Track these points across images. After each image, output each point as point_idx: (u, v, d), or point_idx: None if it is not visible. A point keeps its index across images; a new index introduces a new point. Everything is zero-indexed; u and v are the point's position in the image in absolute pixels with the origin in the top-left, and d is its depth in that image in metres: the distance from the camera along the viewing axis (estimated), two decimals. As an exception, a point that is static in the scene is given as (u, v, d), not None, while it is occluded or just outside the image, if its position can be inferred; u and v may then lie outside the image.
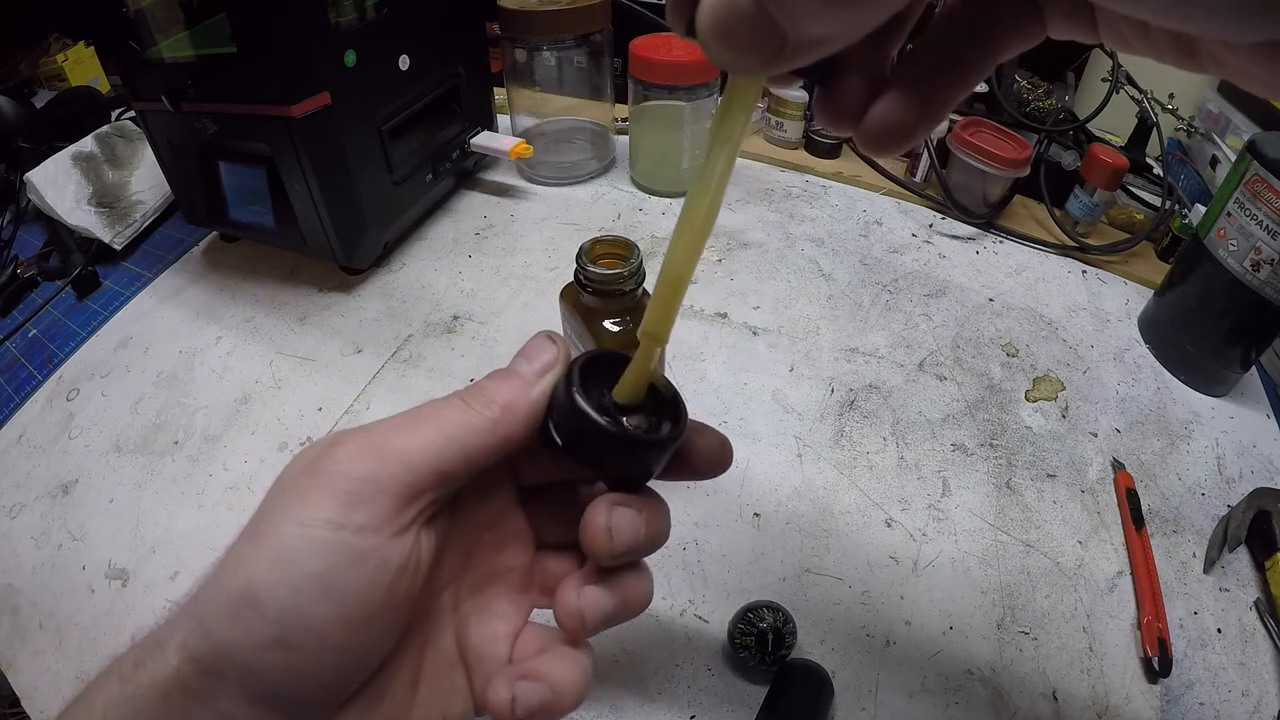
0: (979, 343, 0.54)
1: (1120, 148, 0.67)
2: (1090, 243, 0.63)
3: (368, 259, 0.58)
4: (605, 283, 0.35)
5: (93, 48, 0.96)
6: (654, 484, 0.23)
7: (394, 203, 0.58)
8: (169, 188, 0.59)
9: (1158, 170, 0.69)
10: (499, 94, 0.70)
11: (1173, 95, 0.67)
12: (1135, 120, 0.68)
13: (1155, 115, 0.66)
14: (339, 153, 0.50)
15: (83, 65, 0.96)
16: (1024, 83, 0.73)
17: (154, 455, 0.47)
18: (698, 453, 0.23)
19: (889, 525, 0.42)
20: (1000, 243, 0.65)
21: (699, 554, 0.40)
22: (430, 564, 0.20)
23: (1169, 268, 0.55)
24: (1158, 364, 0.54)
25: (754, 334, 0.54)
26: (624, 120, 0.70)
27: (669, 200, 0.68)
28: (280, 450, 0.46)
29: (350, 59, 0.48)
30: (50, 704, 0.37)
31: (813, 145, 0.75)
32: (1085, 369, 0.53)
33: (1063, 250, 0.64)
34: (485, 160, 0.70)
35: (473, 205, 0.68)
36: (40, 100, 0.86)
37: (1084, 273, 0.62)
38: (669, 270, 0.20)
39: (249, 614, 0.17)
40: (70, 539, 0.43)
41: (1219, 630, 0.38)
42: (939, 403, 0.49)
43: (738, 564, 0.40)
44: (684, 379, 0.50)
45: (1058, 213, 0.66)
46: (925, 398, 0.50)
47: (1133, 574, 0.40)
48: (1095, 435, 0.48)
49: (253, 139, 0.50)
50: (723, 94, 0.18)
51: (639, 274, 0.36)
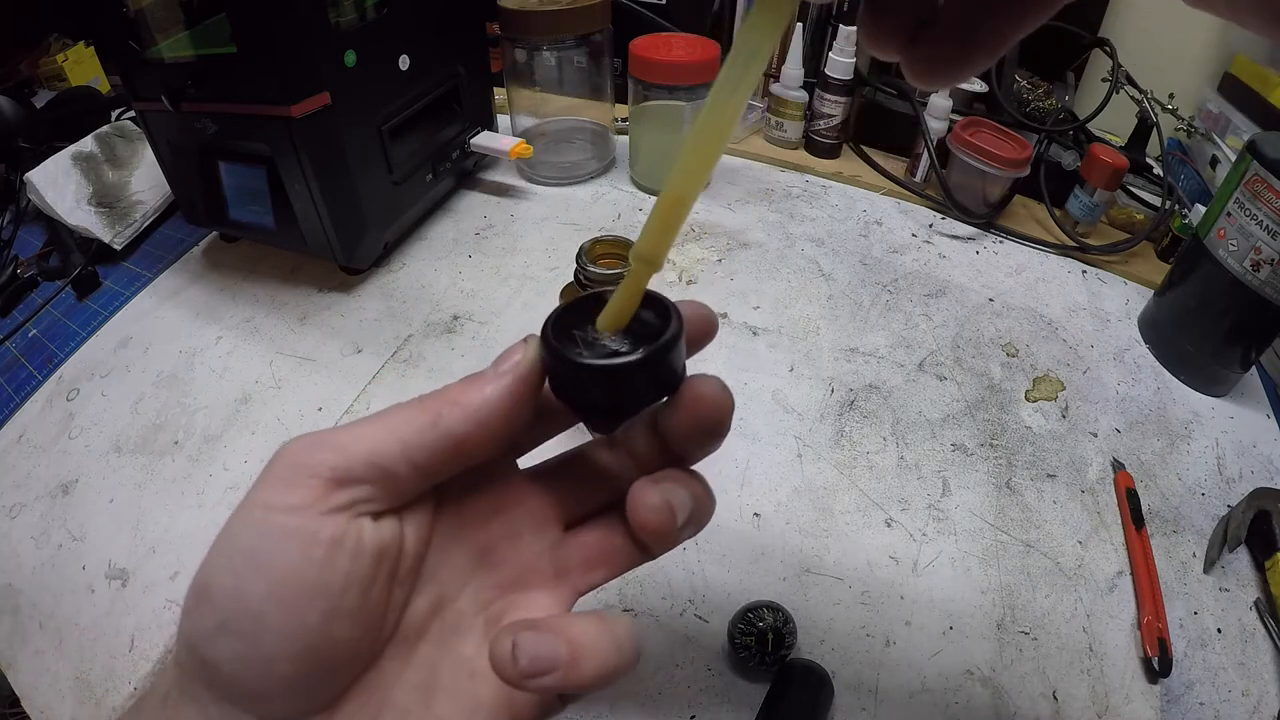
0: (979, 343, 0.54)
1: (1120, 148, 0.67)
2: (1090, 243, 0.63)
3: (368, 259, 0.58)
4: (605, 283, 0.35)
5: (93, 48, 0.96)
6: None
7: (394, 203, 0.58)
8: (169, 188, 0.59)
9: (1158, 170, 0.69)
10: (499, 94, 0.70)
11: (1173, 95, 0.67)
12: (1135, 120, 0.68)
13: (1155, 115, 0.66)
14: (339, 153, 0.50)
15: (83, 65, 0.96)
16: (1024, 83, 0.73)
17: (154, 455, 0.47)
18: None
19: (889, 525, 0.42)
20: (1000, 243, 0.65)
21: (699, 554, 0.40)
22: (413, 559, 0.20)
23: (1169, 268, 0.55)
24: (1158, 364, 0.54)
25: (754, 334, 0.54)
26: (624, 120, 0.70)
27: (669, 200, 0.68)
28: (280, 450, 0.46)
29: (350, 59, 0.48)
30: (50, 704, 0.37)
31: (813, 145, 0.75)
32: (1085, 369, 0.53)
33: (1063, 250, 0.64)
34: (485, 160, 0.70)
35: (473, 205, 0.68)
36: (40, 100, 0.86)
37: (1084, 273, 0.62)
38: (673, 187, 0.18)
39: (202, 603, 0.17)
40: (70, 539, 0.43)
41: (1219, 630, 0.38)
42: (939, 403, 0.49)
43: (738, 564, 0.40)
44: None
45: (1058, 213, 0.66)
46: (925, 398, 0.50)
47: (1133, 574, 0.40)
48: (1095, 435, 0.48)
49: (253, 139, 0.50)
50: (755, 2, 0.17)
51: (639, 274, 0.36)
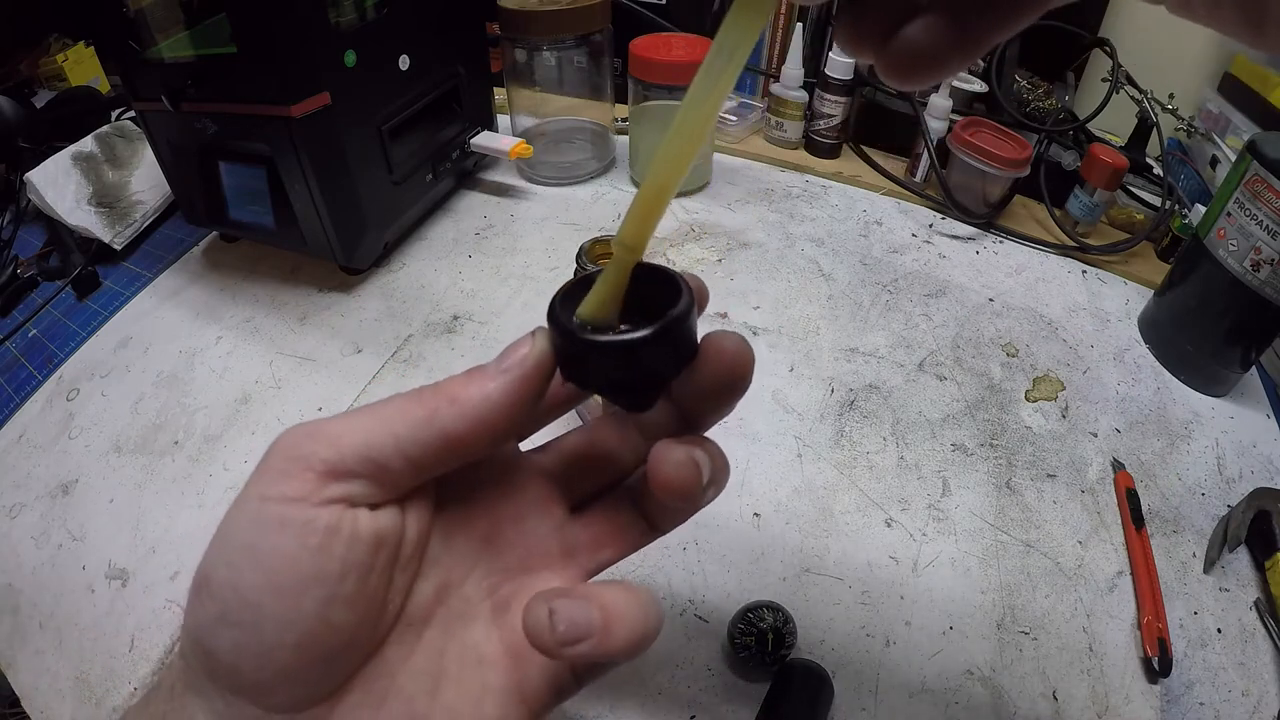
0: (979, 343, 0.54)
1: (1120, 148, 0.67)
2: (1090, 243, 0.63)
3: (368, 259, 0.58)
4: (605, 283, 0.35)
5: (93, 48, 0.96)
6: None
7: (394, 203, 0.58)
8: (169, 188, 0.59)
9: (1158, 170, 0.69)
10: (499, 94, 0.70)
11: (1173, 95, 0.67)
12: (1135, 120, 0.68)
13: (1155, 115, 0.66)
14: (339, 153, 0.50)
15: (83, 65, 0.96)
16: (1024, 83, 0.73)
17: (154, 455, 0.47)
18: (712, 353, 0.22)
19: (889, 525, 0.42)
20: (1000, 243, 0.65)
21: (699, 554, 0.40)
22: (414, 546, 0.20)
23: (1169, 268, 0.55)
24: (1158, 364, 0.54)
25: (754, 334, 0.54)
26: (624, 120, 0.70)
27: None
28: (280, 450, 0.46)
29: (350, 59, 0.48)
30: (50, 704, 0.37)
31: (813, 145, 0.75)
32: (1085, 369, 0.53)
33: (1063, 250, 0.64)
34: (485, 160, 0.70)
35: (473, 205, 0.68)
36: (40, 100, 0.86)
37: (1084, 273, 0.62)
38: (654, 176, 0.19)
39: (202, 595, 0.18)
40: (70, 539, 0.43)
41: (1219, 630, 0.38)
42: (939, 403, 0.49)
43: (738, 564, 0.40)
44: (684, 379, 0.50)
45: (1058, 213, 0.66)
46: (925, 398, 0.50)
47: (1133, 574, 0.40)
48: (1095, 435, 0.48)
49: (253, 139, 0.50)
50: None
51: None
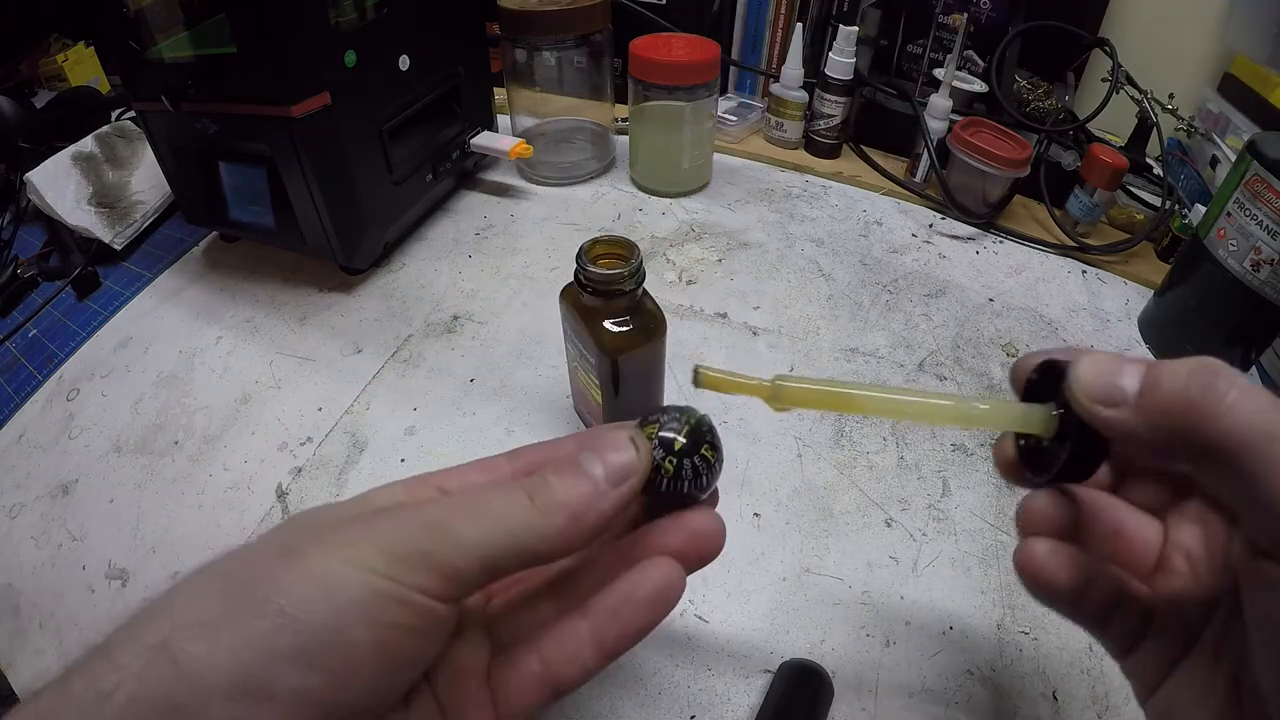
0: (979, 343, 0.54)
1: (1120, 148, 0.67)
2: (1090, 243, 0.63)
3: (368, 259, 0.58)
4: (605, 283, 0.35)
5: (93, 48, 0.96)
6: None
7: (394, 203, 0.58)
8: (169, 188, 0.59)
9: (1158, 170, 0.69)
10: (499, 94, 0.70)
11: (1173, 95, 0.67)
12: (1135, 120, 0.68)
13: (1155, 115, 0.66)
14: (339, 153, 0.50)
15: (83, 65, 0.96)
16: (1024, 83, 0.73)
17: (154, 455, 0.47)
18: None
19: (889, 525, 0.42)
20: (1000, 243, 0.65)
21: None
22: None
23: (1169, 268, 0.55)
24: (1158, 364, 0.54)
25: (754, 334, 0.54)
26: (624, 120, 0.70)
27: (669, 200, 0.68)
28: (280, 450, 0.46)
29: (350, 59, 0.49)
30: (50, 704, 0.37)
31: (813, 145, 0.75)
32: (1085, 369, 0.53)
33: (1063, 250, 0.64)
34: (485, 160, 0.70)
35: (473, 205, 0.68)
36: (40, 100, 0.86)
37: (1084, 273, 0.62)
38: (857, 401, 0.22)
39: (280, 623, 0.17)
40: (70, 539, 0.43)
41: (1219, 630, 0.38)
42: (939, 403, 0.49)
43: (738, 564, 0.40)
44: (684, 379, 0.50)
45: (1058, 213, 0.66)
46: (925, 398, 0.49)
47: (1133, 574, 0.40)
48: (1095, 435, 0.48)
49: (253, 139, 0.50)
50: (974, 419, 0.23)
51: (639, 274, 0.36)
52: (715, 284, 0.58)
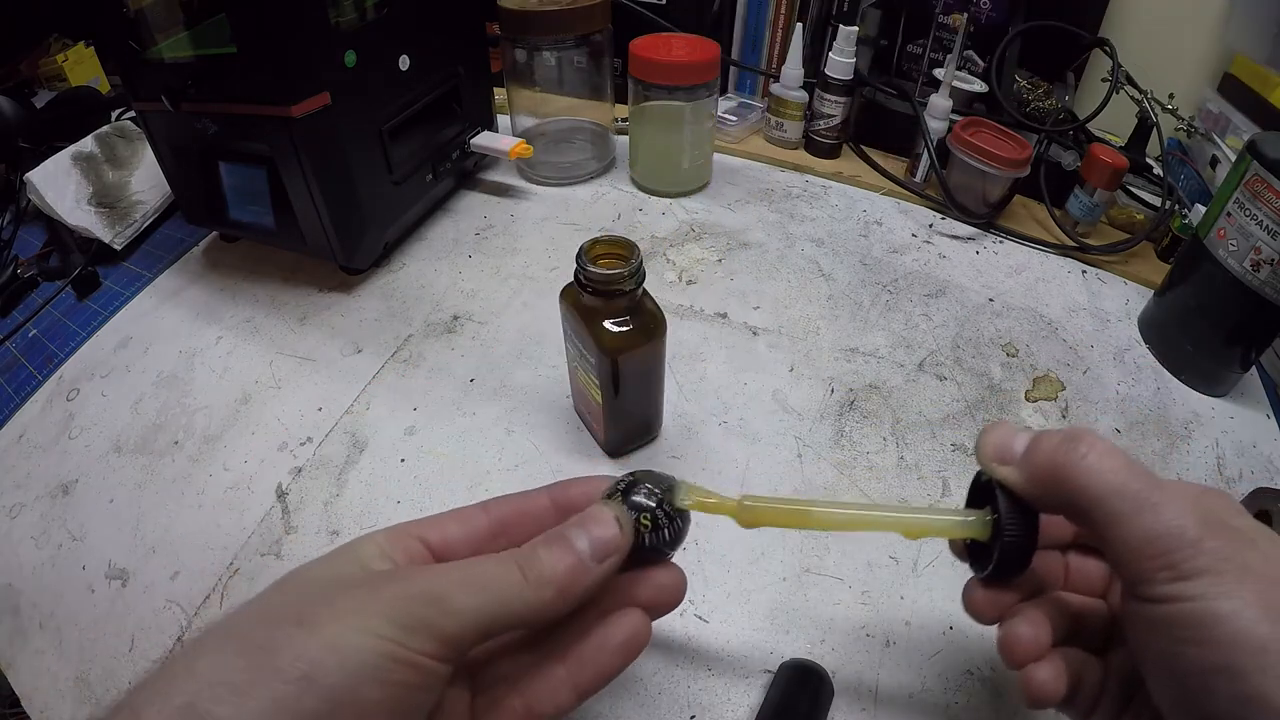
0: (979, 343, 0.54)
1: (1120, 148, 0.67)
2: (1090, 243, 0.63)
3: (368, 259, 0.58)
4: (605, 283, 0.35)
5: (93, 48, 0.96)
6: None
7: (394, 203, 0.58)
8: (169, 188, 0.59)
9: (1158, 170, 0.69)
10: (499, 94, 0.70)
11: (1173, 95, 0.67)
12: (1135, 120, 0.68)
13: (1155, 115, 0.66)
14: (339, 153, 0.50)
15: (83, 65, 0.96)
16: (1024, 83, 0.73)
17: (154, 455, 0.47)
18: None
19: (889, 525, 0.42)
20: (1000, 243, 0.65)
21: (699, 554, 0.40)
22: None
23: (1169, 268, 0.55)
24: (1158, 364, 0.54)
25: (754, 334, 0.54)
26: (624, 120, 0.70)
27: (669, 200, 0.68)
28: (280, 450, 0.46)
29: (350, 59, 0.49)
30: (50, 704, 0.37)
31: (813, 145, 0.75)
32: (1085, 369, 0.53)
33: (1063, 250, 0.64)
34: (485, 160, 0.70)
35: (473, 205, 0.68)
36: (40, 100, 0.86)
37: (1084, 273, 0.62)
38: (817, 518, 0.26)
39: (303, 686, 0.18)
40: (70, 539, 0.43)
41: (1219, 630, 0.38)
42: (939, 403, 0.49)
43: (738, 564, 0.40)
44: (684, 379, 0.50)
45: (1058, 213, 0.66)
46: (925, 398, 0.50)
47: (1133, 574, 0.40)
48: (1095, 435, 0.48)
49: (253, 139, 0.50)
50: (932, 529, 0.27)
51: (639, 274, 0.36)
52: (715, 284, 0.58)
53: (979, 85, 0.73)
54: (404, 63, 0.54)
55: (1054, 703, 0.25)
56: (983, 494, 0.27)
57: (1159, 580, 0.20)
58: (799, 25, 0.70)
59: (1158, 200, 0.66)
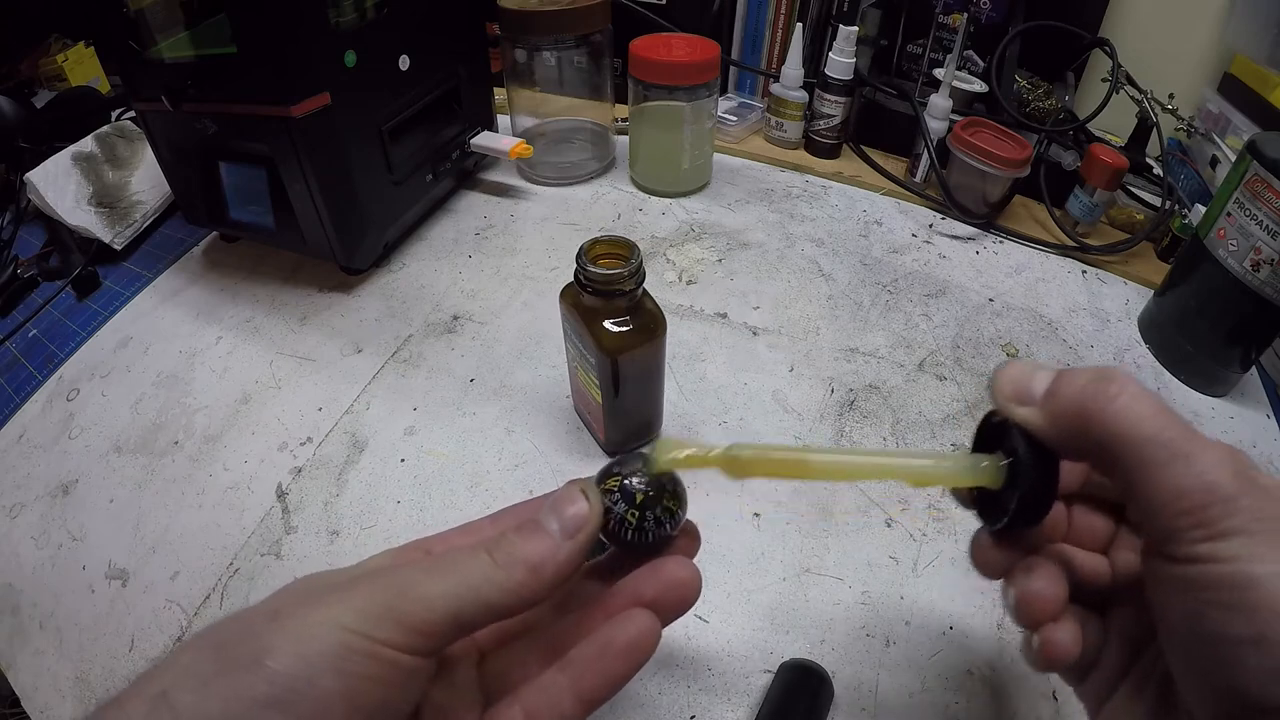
0: (979, 343, 0.54)
1: (1120, 148, 0.67)
2: (1090, 243, 0.63)
3: (368, 259, 0.58)
4: (605, 283, 0.35)
5: (93, 48, 0.96)
6: None
7: (394, 203, 0.58)
8: (169, 188, 0.59)
9: (1158, 170, 0.69)
10: (499, 94, 0.70)
11: (1173, 95, 0.67)
12: (1135, 120, 0.68)
13: (1155, 115, 0.66)
14: (339, 153, 0.50)
15: (83, 65, 0.96)
16: (1024, 83, 0.73)
17: (154, 455, 0.47)
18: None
19: (889, 525, 0.42)
20: (1000, 243, 0.65)
21: (699, 554, 0.40)
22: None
23: (1169, 268, 0.55)
24: (1158, 364, 0.54)
25: (754, 334, 0.54)
26: (624, 120, 0.70)
27: (669, 200, 0.68)
28: (280, 450, 0.46)
29: (350, 59, 0.49)
30: (50, 704, 0.37)
31: (813, 145, 0.75)
32: (1085, 369, 0.53)
33: (1063, 250, 0.64)
34: (485, 160, 0.70)
35: (473, 205, 0.68)
36: (40, 100, 0.85)
37: (1084, 273, 0.62)
38: (811, 466, 0.23)
39: (255, 675, 0.18)
40: (70, 539, 0.43)
41: (1219, 630, 0.38)
42: (939, 403, 0.49)
43: (738, 564, 0.40)
44: (684, 379, 0.50)
45: (1058, 213, 0.66)
46: (925, 398, 0.50)
47: (1133, 574, 0.40)
48: (1095, 435, 0.48)
49: (253, 139, 0.50)
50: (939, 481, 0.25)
51: (639, 274, 0.36)
52: (715, 284, 0.58)
53: (979, 85, 0.73)
54: (404, 63, 0.54)
55: (1068, 665, 0.24)
56: (994, 437, 0.25)
57: (1190, 538, 0.18)
58: (799, 25, 0.70)
59: (1158, 200, 0.66)
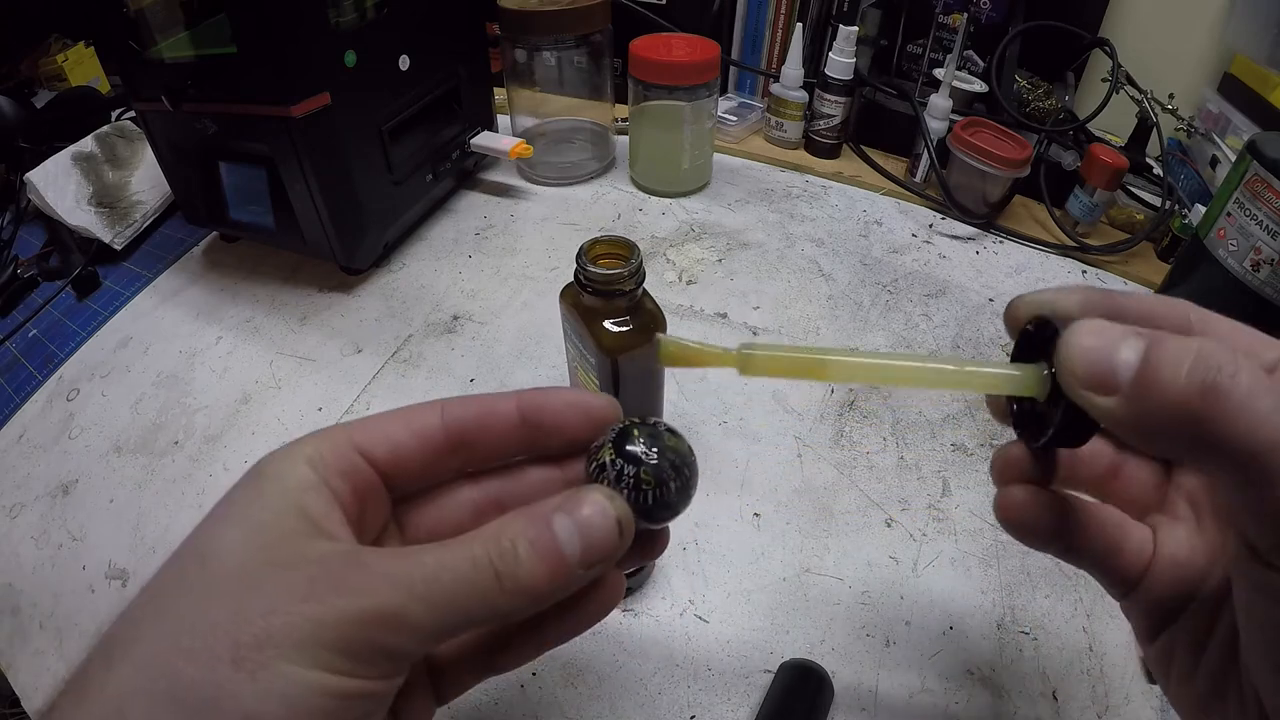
0: (979, 343, 0.54)
1: (1120, 148, 0.67)
2: (1090, 243, 0.63)
3: (368, 259, 0.58)
4: (605, 283, 0.35)
5: (93, 48, 0.96)
6: None
7: (394, 203, 0.58)
8: (169, 188, 0.59)
9: (1158, 170, 0.69)
10: (499, 94, 0.70)
11: (1173, 95, 0.67)
12: (1135, 120, 0.68)
13: (1155, 115, 0.66)
14: (339, 153, 0.50)
15: (83, 65, 0.96)
16: (1024, 83, 0.73)
17: (154, 455, 0.47)
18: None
19: (889, 525, 0.42)
20: (1000, 243, 0.65)
21: (699, 554, 0.40)
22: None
23: (1169, 268, 0.55)
24: (1158, 364, 0.54)
25: (754, 334, 0.54)
26: (624, 120, 0.70)
27: (669, 200, 0.68)
28: (280, 450, 0.46)
29: (350, 59, 0.49)
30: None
31: (813, 145, 0.75)
32: (1085, 369, 0.53)
33: (1063, 250, 0.64)
34: (485, 160, 0.70)
35: (473, 205, 0.68)
36: (40, 100, 0.85)
37: (1084, 273, 0.62)
38: (833, 367, 0.21)
39: (244, 671, 0.17)
40: (70, 539, 0.43)
41: (1219, 630, 0.38)
42: (939, 403, 0.49)
43: (738, 564, 0.40)
44: (684, 378, 0.50)
45: (1058, 213, 0.66)
46: (925, 398, 0.50)
47: (1133, 574, 0.40)
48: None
49: (253, 139, 0.50)
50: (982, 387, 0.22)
51: (639, 274, 0.36)
52: (715, 284, 0.58)
53: (979, 85, 0.73)
54: (404, 63, 0.54)
55: (1031, 530, 0.22)
56: (1033, 346, 0.22)
57: None
58: (799, 25, 0.70)
59: (1158, 200, 0.66)
